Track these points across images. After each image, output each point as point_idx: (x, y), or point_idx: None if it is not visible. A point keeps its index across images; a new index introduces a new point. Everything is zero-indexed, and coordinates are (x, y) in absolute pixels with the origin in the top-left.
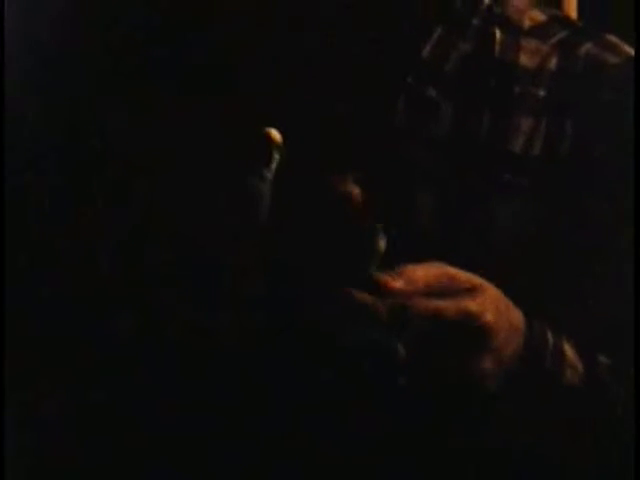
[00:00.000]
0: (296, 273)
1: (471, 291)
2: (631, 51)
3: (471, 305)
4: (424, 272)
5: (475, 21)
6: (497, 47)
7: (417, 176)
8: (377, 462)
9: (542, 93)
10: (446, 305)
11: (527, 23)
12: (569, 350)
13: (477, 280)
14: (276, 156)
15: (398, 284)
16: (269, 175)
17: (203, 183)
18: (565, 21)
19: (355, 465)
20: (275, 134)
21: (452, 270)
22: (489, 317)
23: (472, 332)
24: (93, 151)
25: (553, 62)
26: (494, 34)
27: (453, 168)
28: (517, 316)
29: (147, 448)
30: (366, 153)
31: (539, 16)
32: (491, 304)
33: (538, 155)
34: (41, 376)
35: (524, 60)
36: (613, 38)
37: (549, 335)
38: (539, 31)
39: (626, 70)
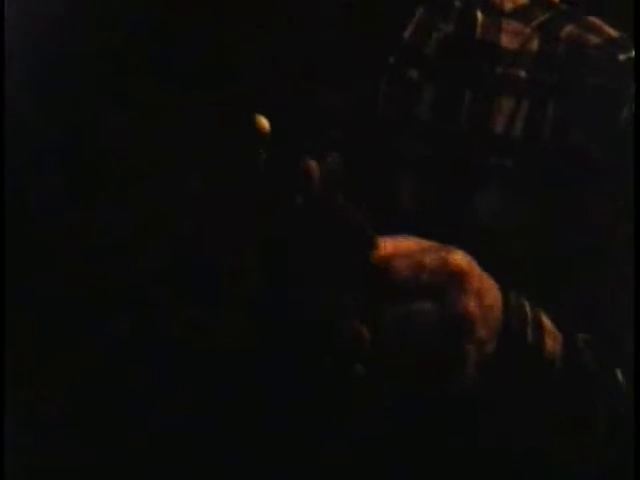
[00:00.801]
0: (296, 272)
1: (445, 248)
2: (612, 32)
3: (447, 253)
4: (399, 242)
5: (457, 2)
6: (478, 29)
7: (399, 158)
8: (376, 461)
9: (523, 74)
10: (425, 254)
11: (508, 5)
12: (548, 322)
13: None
14: (264, 142)
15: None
16: (259, 162)
17: (203, 182)
18: (547, 3)
19: (355, 465)
20: (263, 121)
21: (424, 241)
22: (464, 263)
23: (450, 275)
24: (93, 151)
25: (534, 44)
26: (475, 15)
27: (435, 150)
28: (492, 282)
29: (147, 448)
30: (348, 135)
31: None
32: (464, 256)
33: (519, 136)
34: (41, 376)
35: (505, 41)
36: (595, 19)
37: (527, 306)
38: (520, 13)
39: (607, 51)
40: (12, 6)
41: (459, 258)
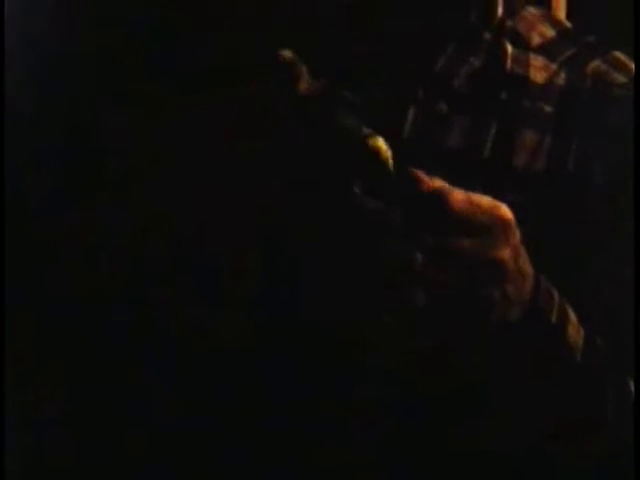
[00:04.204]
0: (295, 269)
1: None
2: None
3: (493, 200)
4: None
5: (487, 35)
6: (509, 61)
7: None
8: (377, 462)
9: (549, 109)
10: (475, 195)
11: (536, 40)
12: (573, 314)
13: None
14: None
15: (438, 182)
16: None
17: (203, 182)
18: (573, 36)
19: (355, 465)
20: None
21: None
22: (512, 217)
23: (498, 221)
24: (93, 151)
25: (561, 78)
26: (505, 48)
27: (455, 182)
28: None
29: (147, 448)
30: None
31: (548, 31)
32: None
33: (541, 171)
34: (41, 376)
35: (533, 75)
36: (620, 55)
37: (555, 292)
38: (548, 49)
39: (631, 90)
40: (12, 6)
41: (510, 214)
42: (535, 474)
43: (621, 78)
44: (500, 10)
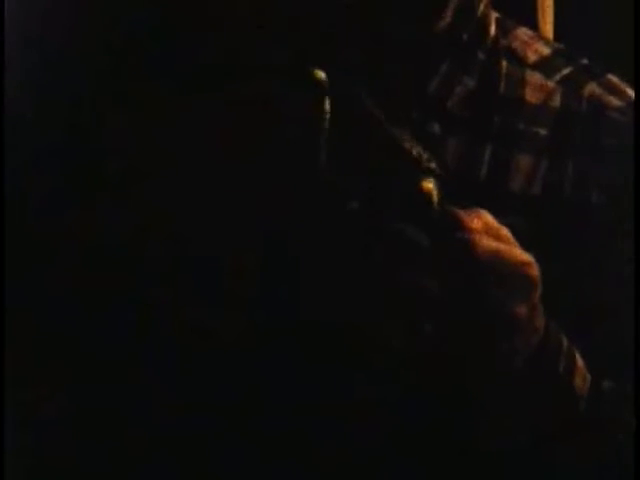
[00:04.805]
0: (295, 269)
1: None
2: (631, 93)
3: (525, 255)
4: (489, 221)
5: (481, 55)
6: (502, 81)
7: None
8: (378, 462)
9: (544, 132)
10: (507, 248)
11: (532, 57)
12: (580, 361)
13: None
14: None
15: (478, 225)
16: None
17: (203, 182)
18: (569, 56)
19: (355, 465)
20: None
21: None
22: (537, 272)
23: (525, 279)
24: (93, 151)
25: (556, 100)
26: (500, 68)
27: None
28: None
29: (147, 448)
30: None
31: (543, 49)
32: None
33: (537, 195)
34: (41, 376)
35: (529, 95)
36: (615, 78)
37: (564, 340)
38: (543, 66)
39: (627, 114)
40: (12, 6)
41: (536, 272)
42: (535, 474)
43: (616, 102)
44: (493, 29)
